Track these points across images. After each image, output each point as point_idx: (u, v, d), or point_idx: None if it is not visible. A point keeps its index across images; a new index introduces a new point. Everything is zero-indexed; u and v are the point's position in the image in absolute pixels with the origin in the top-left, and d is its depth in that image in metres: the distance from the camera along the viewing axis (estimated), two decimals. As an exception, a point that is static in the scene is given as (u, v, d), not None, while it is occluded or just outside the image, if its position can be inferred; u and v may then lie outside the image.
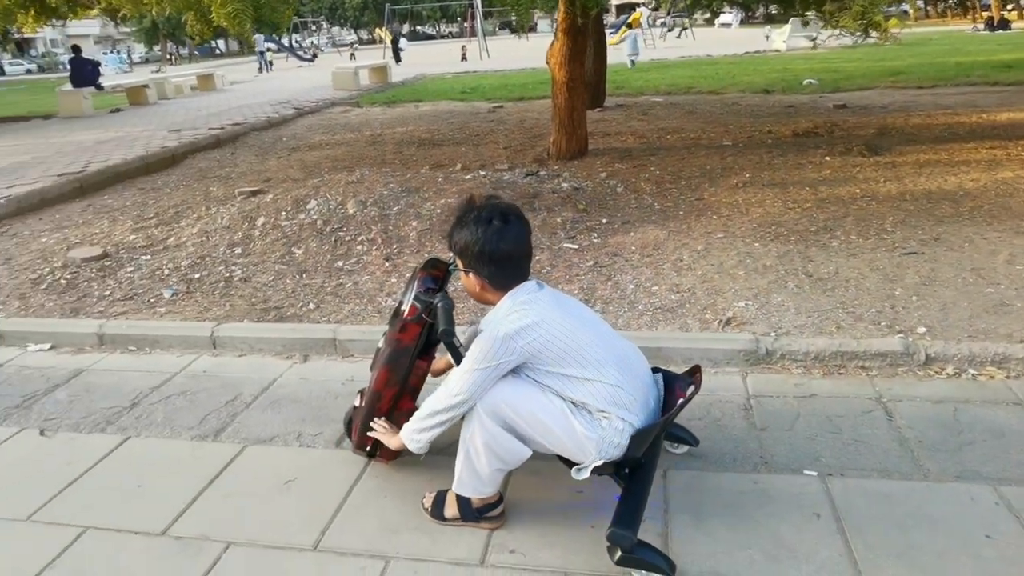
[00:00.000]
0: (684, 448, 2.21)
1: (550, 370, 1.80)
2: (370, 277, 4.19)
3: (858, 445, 2.23)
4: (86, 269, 4.74)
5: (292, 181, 6.85)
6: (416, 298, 1.94)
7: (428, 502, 2.07)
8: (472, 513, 1.98)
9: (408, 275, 2.14)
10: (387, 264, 4.33)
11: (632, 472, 1.82)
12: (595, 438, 1.77)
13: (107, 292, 4.35)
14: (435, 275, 2.00)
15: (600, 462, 1.76)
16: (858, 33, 5.00)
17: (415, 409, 2.14)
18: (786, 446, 2.25)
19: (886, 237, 4.29)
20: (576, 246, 4.50)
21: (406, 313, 1.95)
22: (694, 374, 1.91)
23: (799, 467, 2.14)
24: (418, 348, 1.98)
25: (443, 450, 2.21)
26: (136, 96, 15.86)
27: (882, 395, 2.52)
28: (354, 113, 12.60)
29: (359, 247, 4.59)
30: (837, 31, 5.32)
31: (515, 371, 1.84)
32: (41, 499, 2.24)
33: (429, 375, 2.18)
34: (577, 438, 1.77)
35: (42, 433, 2.63)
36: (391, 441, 2.07)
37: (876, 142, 7.06)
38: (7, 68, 51.85)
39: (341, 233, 4.77)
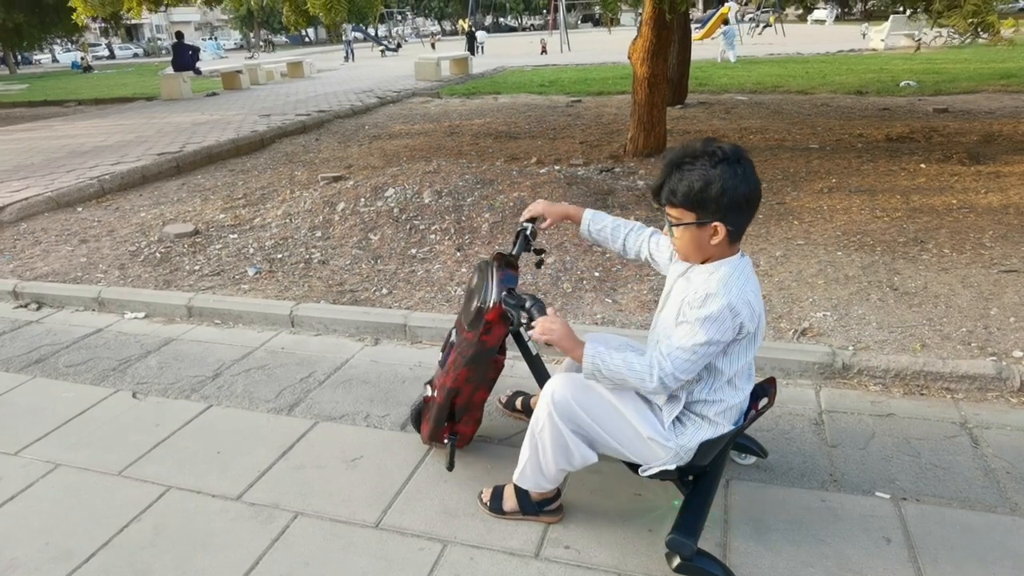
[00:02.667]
0: (751, 459, 2.16)
1: (729, 360, 1.68)
2: (441, 266, 4.26)
3: (937, 471, 2.12)
4: (179, 244, 5.02)
5: (372, 169, 7.04)
6: (505, 301, 1.90)
7: (486, 496, 2.08)
8: (532, 506, 1.99)
9: (480, 265, 2.10)
10: (458, 254, 4.40)
11: (696, 479, 1.79)
12: (671, 447, 1.74)
13: (197, 267, 4.59)
14: (513, 273, 2.00)
15: (672, 466, 1.74)
16: (967, 34, 4.69)
17: (485, 399, 2.18)
18: (858, 465, 2.16)
19: (984, 252, 4.04)
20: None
21: (489, 314, 1.93)
22: (769, 386, 1.86)
23: (871, 488, 2.06)
24: (500, 346, 2.00)
25: (504, 440, 2.24)
26: (230, 81, 16.59)
27: (968, 420, 2.39)
28: (434, 104, 12.80)
29: (432, 236, 4.67)
30: (944, 31, 4.99)
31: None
32: (132, 457, 2.40)
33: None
34: (648, 447, 1.75)
35: (134, 396, 2.82)
36: (571, 348, 1.76)
37: (979, 150, 6.65)
38: (117, 52, 55.24)
39: (416, 221, 4.87)
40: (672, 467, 1.74)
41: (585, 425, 1.80)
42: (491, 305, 1.90)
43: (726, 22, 23.54)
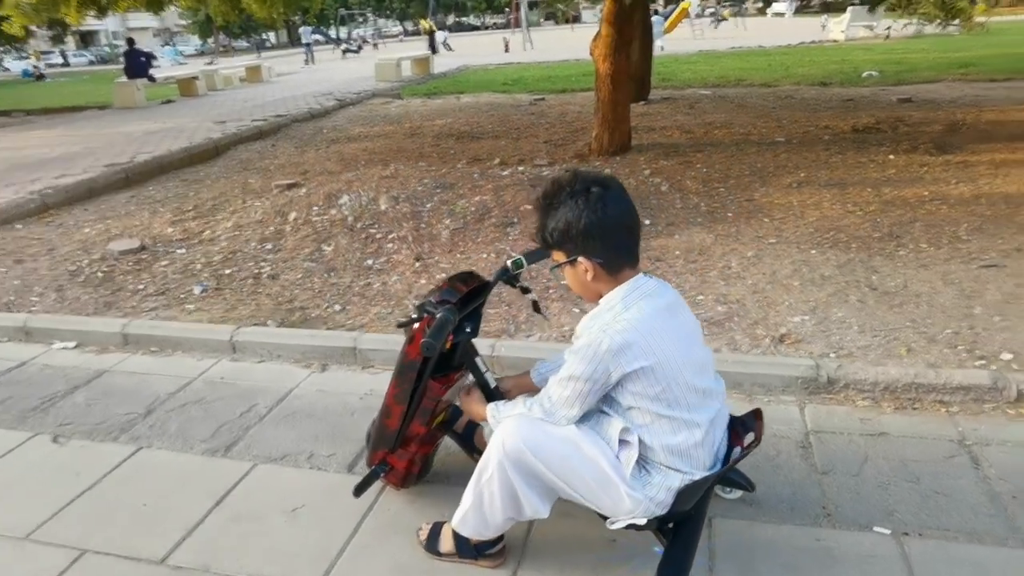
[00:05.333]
0: (737, 493, 1.96)
1: (638, 398, 1.53)
2: (399, 278, 4.02)
3: (939, 498, 1.94)
4: (123, 262, 4.71)
5: (328, 174, 6.76)
6: (421, 308, 1.74)
7: (424, 534, 1.90)
8: (470, 550, 1.80)
9: (439, 281, 1.92)
10: (417, 264, 4.16)
11: (677, 526, 1.59)
12: (639, 497, 1.53)
13: (141, 286, 4.29)
14: (460, 289, 1.80)
15: (642, 520, 1.53)
16: (938, 21, 4.59)
17: (429, 434, 1.95)
18: (853, 495, 1.97)
19: (961, 246, 3.92)
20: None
21: (416, 324, 1.75)
22: (754, 420, 1.66)
23: (868, 522, 1.87)
24: (430, 366, 1.77)
25: (463, 479, 2.01)
26: (187, 88, 16.08)
27: (966, 437, 2.22)
28: (395, 105, 12.51)
29: (389, 245, 4.43)
30: (912, 19, 4.91)
31: None
32: (43, 515, 2.12)
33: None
34: (616, 495, 1.55)
35: (55, 440, 2.53)
36: (473, 407, 1.85)
37: (945, 139, 6.59)
38: (72, 60, 53.70)
39: (372, 230, 4.62)
40: (642, 521, 1.54)
41: (541, 475, 1.59)
42: (414, 313, 1.76)
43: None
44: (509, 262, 1.88)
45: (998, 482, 1.99)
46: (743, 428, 1.65)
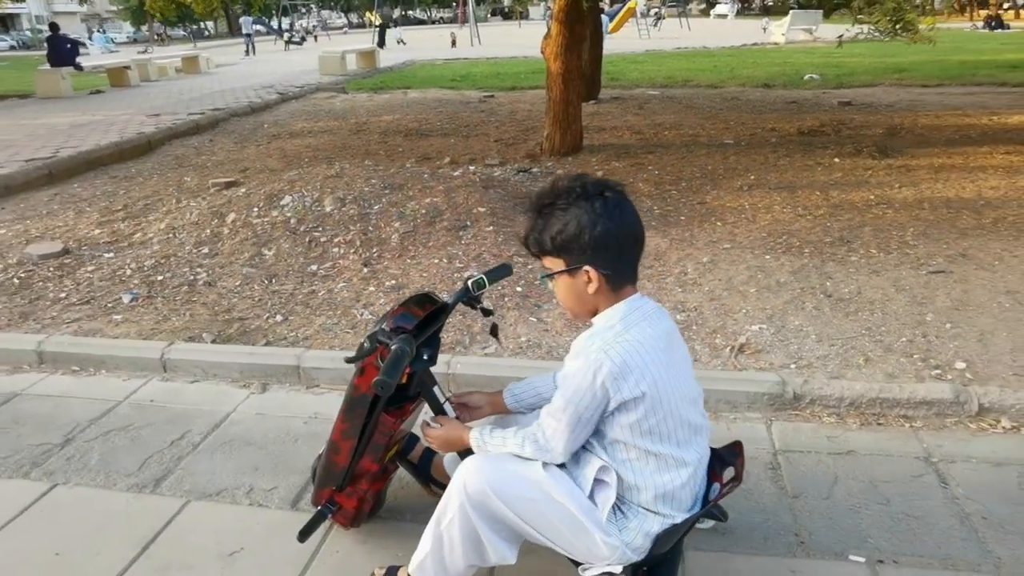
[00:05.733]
0: (709, 523, 1.88)
1: (627, 430, 1.40)
2: (346, 284, 3.83)
3: (911, 521, 1.90)
4: (43, 267, 4.36)
5: (270, 172, 6.47)
6: (373, 337, 1.58)
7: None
8: None
9: (393, 306, 1.74)
10: (365, 270, 3.97)
11: (652, 570, 1.48)
12: (615, 543, 1.42)
13: (63, 295, 3.97)
14: (416, 313, 1.65)
15: (617, 569, 1.42)
16: (887, 31, 4.68)
17: (381, 470, 1.79)
18: (825, 520, 1.91)
19: (909, 252, 3.97)
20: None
21: (368, 355, 1.59)
22: (735, 456, 1.57)
23: (843, 550, 1.81)
24: (382, 401, 1.62)
25: (420, 515, 1.87)
26: (118, 78, 15.31)
27: (931, 454, 2.19)
28: (340, 99, 12.17)
29: (335, 249, 4.23)
30: (862, 28, 4.98)
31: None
32: (-64, 567, 1.88)
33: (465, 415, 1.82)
34: (589, 541, 1.43)
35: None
36: (452, 432, 1.66)
37: (886, 143, 6.75)
38: (-10, 44, 50.72)
39: (316, 233, 4.40)
40: (617, 569, 1.42)
41: (506, 519, 1.46)
42: (371, 343, 1.58)
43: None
44: (470, 282, 1.75)
45: (967, 502, 1.96)
46: (721, 463, 1.56)
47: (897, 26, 4.65)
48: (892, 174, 5.73)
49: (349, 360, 1.58)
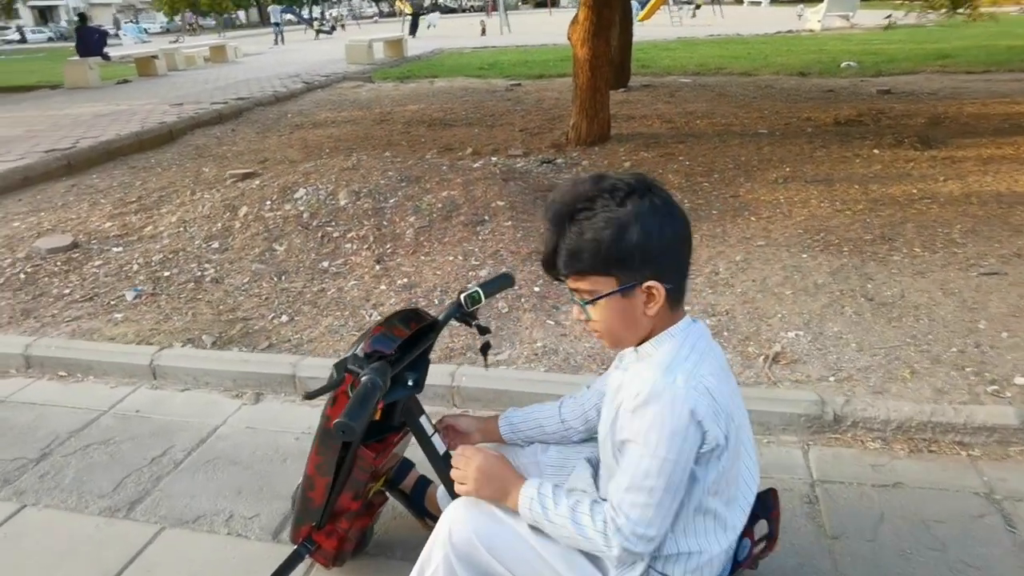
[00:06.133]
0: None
1: (693, 488, 1.16)
2: (357, 283, 3.66)
3: (972, 572, 1.66)
4: (51, 262, 4.28)
5: (289, 163, 6.36)
6: (342, 365, 1.37)
7: None
8: None
9: (372, 324, 1.52)
10: (377, 267, 3.80)
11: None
12: None
13: (67, 291, 3.88)
14: (399, 333, 1.45)
15: None
16: (944, 10, 4.34)
17: (364, 507, 1.60)
18: (870, 567, 1.69)
19: (957, 251, 3.67)
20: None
21: (335, 386, 1.40)
22: (769, 509, 1.34)
23: (893, 606, 1.59)
24: (358, 437, 1.43)
25: (412, 552, 1.68)
26: (145, 67, 15.38)
27: (994, 489, 1.95)
28: (365, 89, 12.03)
29: (348, 245, 4.06)
30: (914, 9, 4.65)
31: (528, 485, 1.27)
32: None
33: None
34: None
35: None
36: (500, 480, 1.29)
37: (929, 133, 6.38)
38: (29, 36, 51.75)
39: (329, 228, 4.25)
40: None
41: (494, 573, 1.26)
42: (338, 372, 1.38)
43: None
44: (463, 296, 1.55)
45: (1039, 551, 1.72)
46: (751, 515, 1.34)
47: (956, 5, 4.31)
48: (936, 166, 5.38)
49: (308, 396, 1.38)
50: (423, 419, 1.50)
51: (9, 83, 14.97)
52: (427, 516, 1.77)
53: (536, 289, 3.45)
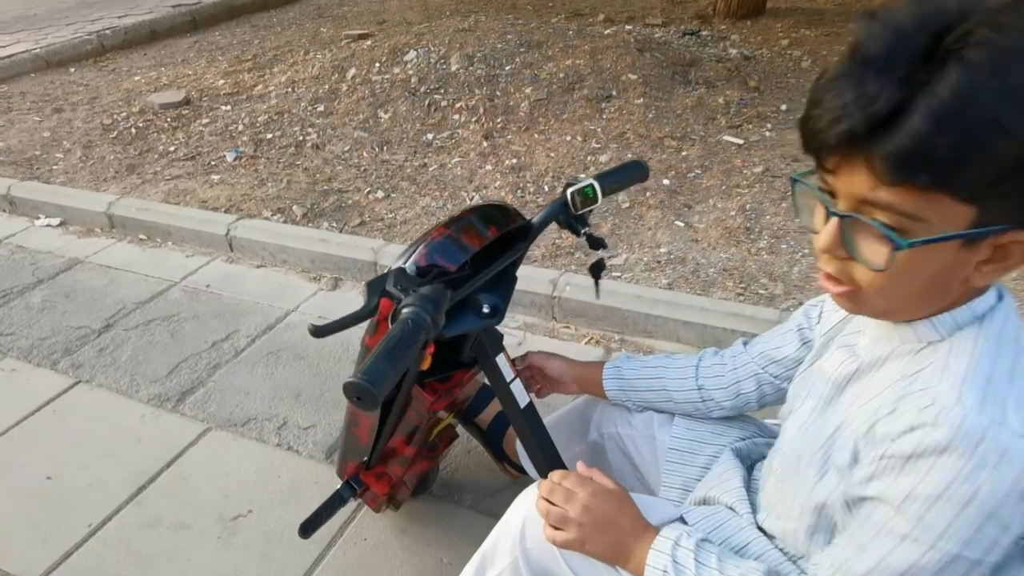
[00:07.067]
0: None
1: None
2: (461, 160, 3.25)
3: None
4: (161, 117, 4.19)
5: (405, 25, 5.89)
6: (379, 285, 0.95)
7: None
8: None
9: (437, 223, 1.05)
10: (485, 144, 3.36)
11: None
12: None
13: (172, 148, 3.77)
14: (469, 242, 1.00)
15: None
16: None
17: (416, 458, 1.24)
18: None
19: None
20: (741, 141, 3.28)
21: (368, 315, 0.98)
22: None
23: None
24: (409, 379, 1.04)
25: (485, 498, 1.34)
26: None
27: None
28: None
29: (455, 116, 3.63)
30: None
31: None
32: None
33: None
34: None
35: (-13, 356, 2.04)
36: (619, 550, 0.85)
37: None
38: None
39: (437, 96, 3.81)
40: None
41: None
42: (371, 295, 0.96)
43: None
44: (571, 192, 1.08)
45: None
46: None
47: None
48: None
49: (317, 332, 0.95)
50: (501, 360, 1.08)
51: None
52: (506, 461, 1.41)
53: (666, 182, 2.90)
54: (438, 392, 1.09)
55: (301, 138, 3.69)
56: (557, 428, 1.16)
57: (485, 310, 0.99)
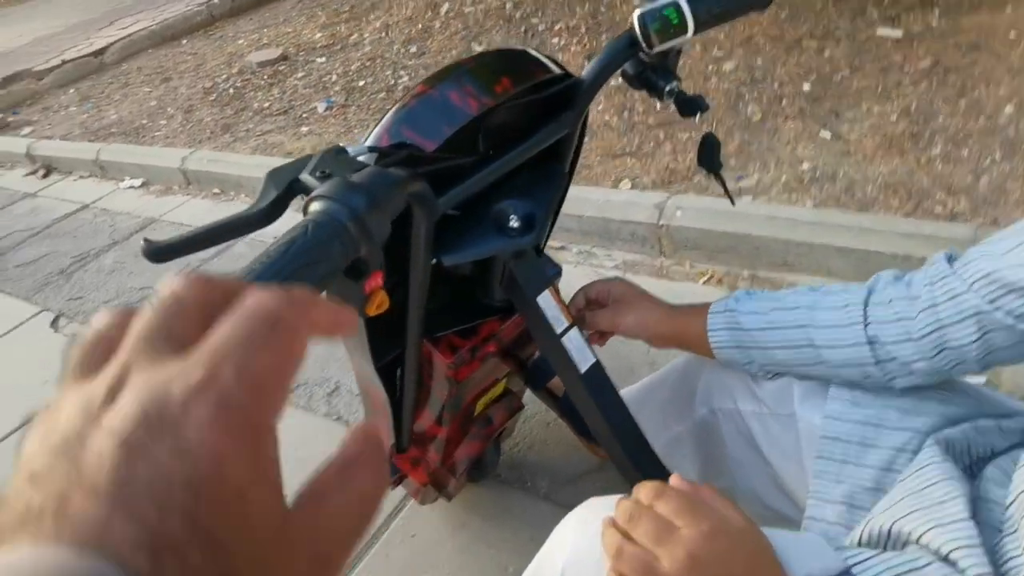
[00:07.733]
0: None
1: None
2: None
3: None
4: (259, 75, 4.16)
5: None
6: (299, 179, 0.55)
7: None
8: None
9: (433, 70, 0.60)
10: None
11: None
12: None
13: (267, 104, 3.70)
14: (458, 104, 0.60)
15: None
16: None
17: (457, 439, 0.92)
18: None
19: None
20: (899, 34, 2.64)
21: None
22: None
23: None
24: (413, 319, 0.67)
25: (559, 491, 1.01)
26: None
27: None
28: None
29: (555, 40, 3.25)
30: None
31: None
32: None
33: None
34: None
35: (55, 322, 1.96)
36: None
37: None
38: None
39: (534, 20, 3.44)
40: None
41: None
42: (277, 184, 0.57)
43: None
44: (636, 14, 0.67)
45: None
46: None
47: None
48: None
49: (152, 252, 0.57)
50: (545, 300, 0.70)
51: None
52: (589, 436, 1.06)
53: (806, 88, 2.37)
54: (450, 353, 0.74)
55: (393, 82, 3.47)
56: (643, 401, 0.80)
57: (513, 223, 0.63)
